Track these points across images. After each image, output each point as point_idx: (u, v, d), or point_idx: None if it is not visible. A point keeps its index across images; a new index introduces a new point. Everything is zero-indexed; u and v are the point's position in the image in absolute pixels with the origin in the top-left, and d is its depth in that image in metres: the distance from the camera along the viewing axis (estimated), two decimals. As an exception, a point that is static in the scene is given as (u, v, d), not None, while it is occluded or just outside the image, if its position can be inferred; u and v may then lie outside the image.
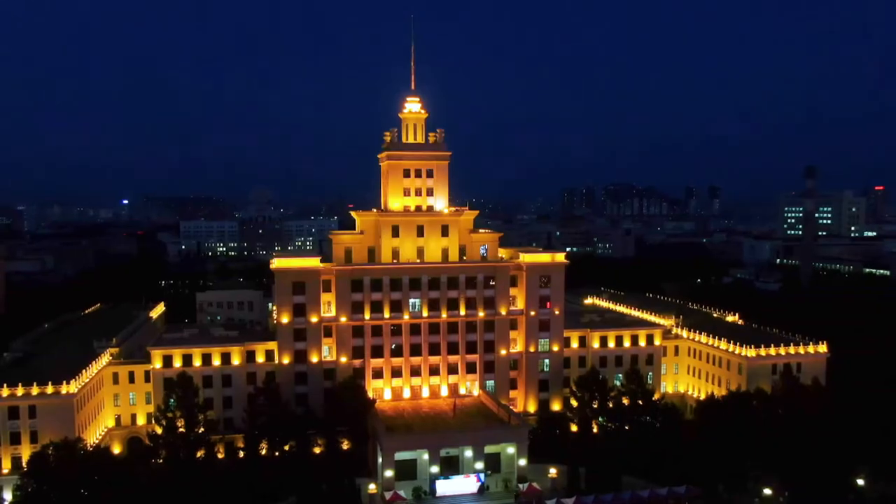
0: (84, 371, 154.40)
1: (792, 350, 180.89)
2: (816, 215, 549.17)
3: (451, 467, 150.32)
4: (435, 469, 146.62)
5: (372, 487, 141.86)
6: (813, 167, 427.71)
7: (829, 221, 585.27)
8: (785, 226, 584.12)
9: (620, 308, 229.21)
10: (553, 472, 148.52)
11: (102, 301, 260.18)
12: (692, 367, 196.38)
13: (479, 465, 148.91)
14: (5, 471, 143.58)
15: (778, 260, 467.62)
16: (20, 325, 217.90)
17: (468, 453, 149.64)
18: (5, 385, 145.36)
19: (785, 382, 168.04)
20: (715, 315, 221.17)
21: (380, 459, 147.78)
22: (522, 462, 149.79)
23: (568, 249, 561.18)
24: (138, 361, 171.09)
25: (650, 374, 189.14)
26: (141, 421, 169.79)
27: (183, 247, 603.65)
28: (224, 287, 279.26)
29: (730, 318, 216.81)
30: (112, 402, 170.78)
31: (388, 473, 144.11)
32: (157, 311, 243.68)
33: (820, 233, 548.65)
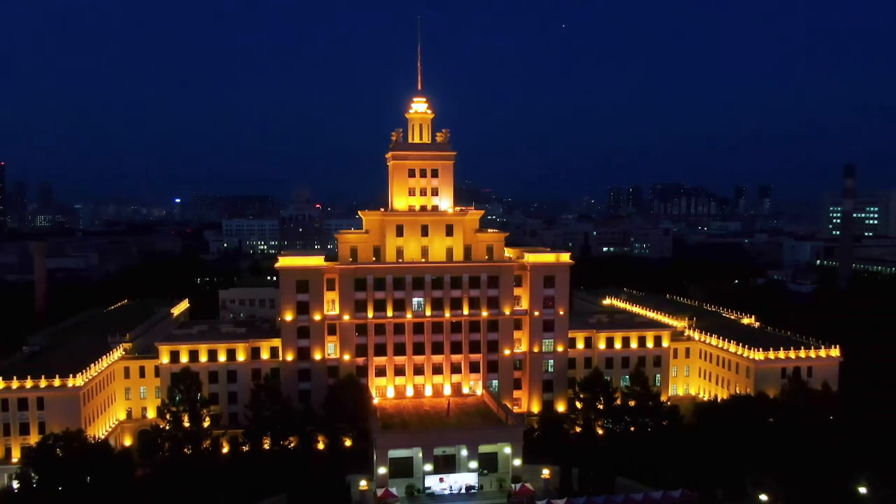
0: (92, 365, 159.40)
1: (802, 354, 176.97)
2: (863, 215, 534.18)
3: (448, 466, 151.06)
4: (428, 467, 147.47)
5: (363, 484, 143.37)
6: (852, 166, 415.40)
7: (875, 222, 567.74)
8: (830, 226, 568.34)
9: (637, 309, 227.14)
10: (546, 472, 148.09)
11: (136, 297, 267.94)
12: (703, 370, 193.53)
13: (474, 465, 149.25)
14: (14, 460, 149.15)
15: (818, 261, 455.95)
16: (55, 322, 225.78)
17: (465, 452, 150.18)
18: (15, 377, 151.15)
19: (791, 386, 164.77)
20: (732, 317, 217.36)
21: (375, 457, 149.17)
22: (517, 462, 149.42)
23: (605, 249, 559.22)
24: (149, 356, 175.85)
25: (658, 376, 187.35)
26: (151, 414, 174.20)
27: (225, 244, 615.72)
28: (249, 284, 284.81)
29: (745, 321, 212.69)
30: (123, 396, 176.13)
31: (382, 471, 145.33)
32: (181, 307, 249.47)
33: (866, 233, 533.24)
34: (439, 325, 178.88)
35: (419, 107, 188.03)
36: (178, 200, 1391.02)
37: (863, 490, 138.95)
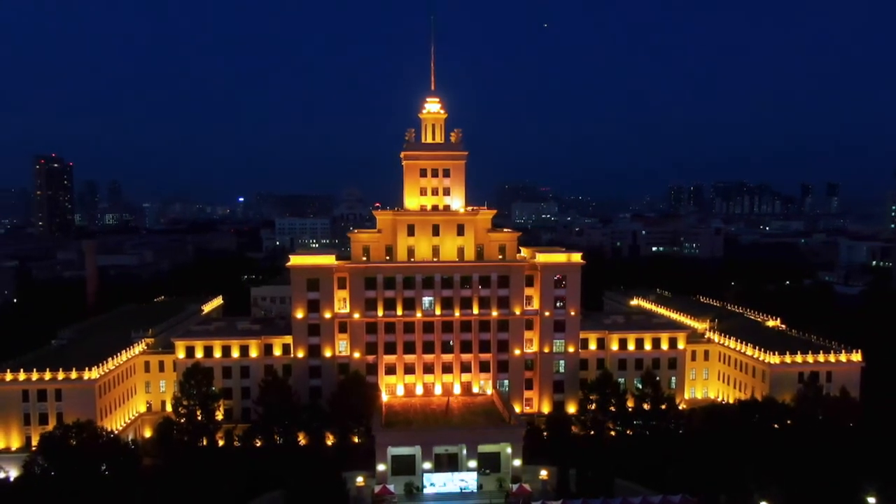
0: (109, 359, 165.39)
1: (821, 358, 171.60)
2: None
3: (451, 465, 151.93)
4: (428, 465, 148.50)
5: (360, 480, 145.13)
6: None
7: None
8: (893, 226, 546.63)
9: (662, 310, 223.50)
10: (544, 473, 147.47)
11: (184, 294, 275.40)
12: (721, 373, 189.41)
13: (473, 464, 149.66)
14: (34, 448, 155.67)
15: (874, 262, 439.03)
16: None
17: (466, 451, 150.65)
18: (35, 369, 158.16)
19: (806, 391, 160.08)
20: (757, 319, 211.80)
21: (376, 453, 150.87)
22: (517, 462, 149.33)
23: (655, 249, 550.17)
24: (168, 351, 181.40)
25: (673, 378, 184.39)
26: (170, 407, 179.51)
27: (277, 243, 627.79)
28: (286, 282, 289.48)
29: (770, 323, 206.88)
30: (144, 389, 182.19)
31: (381, 467, 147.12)
32: (214, 304, 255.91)
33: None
34: (449, 324, 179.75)
35: (432, 107, 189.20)
36: (241, 199, 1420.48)
37: (872, 500, 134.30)
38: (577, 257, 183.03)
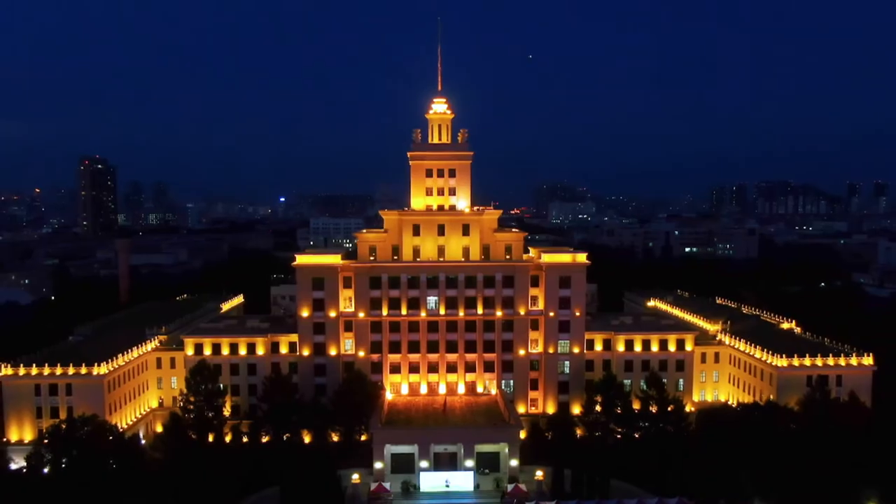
0: (120, 355, 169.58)
1: (831, 361, 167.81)
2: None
3: (451, 464, 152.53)
4: (424, 464, 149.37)
5: (355, 478, 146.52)
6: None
7: None
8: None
9: (677, 311, 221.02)
10: (539, 474, 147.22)
11: (212, 292, 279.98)
12: (732, 376, 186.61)
13: (470, 464, 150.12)
14: (46, 441, 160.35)
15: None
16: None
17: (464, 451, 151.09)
18: (46, 364, 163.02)
19: (812, 395, 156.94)
20: (771, 321, 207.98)
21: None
22: (514, 462, 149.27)
23: (688, 250, 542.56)
24: (179, 348, 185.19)
25: (681, 380, 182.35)
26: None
27: (311, 242, 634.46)
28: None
29: (785, 325, 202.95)
30: (156, 385, 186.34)
31: (378, 465, 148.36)
32: (234, 302, 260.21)
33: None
34: (454, 323, 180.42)
35: (439, 107, 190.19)
36: (282, 199, 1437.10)
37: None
38: (582, 258, 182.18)
